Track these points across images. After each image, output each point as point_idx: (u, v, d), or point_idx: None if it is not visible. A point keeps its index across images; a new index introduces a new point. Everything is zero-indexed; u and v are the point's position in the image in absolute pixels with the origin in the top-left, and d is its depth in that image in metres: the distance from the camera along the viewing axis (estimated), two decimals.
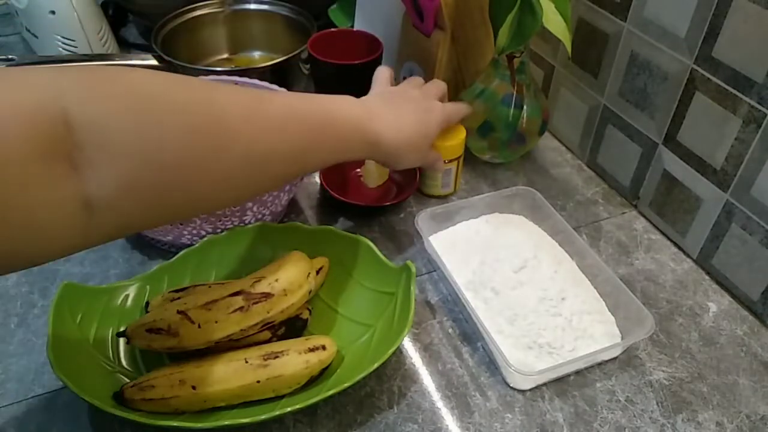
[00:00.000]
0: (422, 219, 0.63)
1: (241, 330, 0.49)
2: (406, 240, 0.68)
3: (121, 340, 0.53)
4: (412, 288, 0.52)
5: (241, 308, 0.49)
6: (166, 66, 0.80)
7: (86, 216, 0.34)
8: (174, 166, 0.37)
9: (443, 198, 0.73)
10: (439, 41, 0.75)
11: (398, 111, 0.57)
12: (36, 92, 0.32)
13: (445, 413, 0.52)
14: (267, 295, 0.50)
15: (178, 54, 0.82)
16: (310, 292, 0.54)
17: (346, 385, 0.47)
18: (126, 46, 0.99)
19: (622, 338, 0.56)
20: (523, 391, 0.53)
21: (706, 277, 0.65)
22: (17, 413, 0.50)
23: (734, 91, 0.57)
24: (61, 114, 0.32)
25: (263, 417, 0.46)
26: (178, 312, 0.49)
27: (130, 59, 0.81)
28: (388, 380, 0.54)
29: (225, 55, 0.95)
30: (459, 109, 0.67)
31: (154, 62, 0.81)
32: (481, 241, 0.64)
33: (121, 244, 0.65)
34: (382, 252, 0.58)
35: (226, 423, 0.46)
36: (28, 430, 0.49)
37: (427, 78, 0.79)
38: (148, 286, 0.57)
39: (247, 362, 0.49)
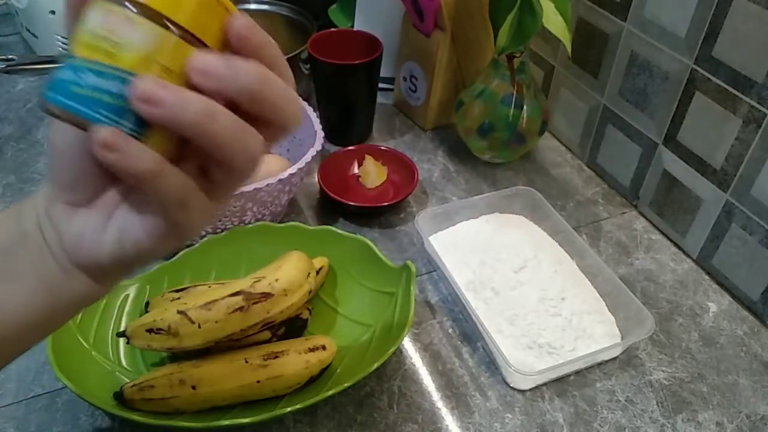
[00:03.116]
0: (422, 219, 0.63)
1: (241, 330, 0.49)
2: (406, 240, 0.68)
3: (121, 340, 0.53)
4: (412, 288, 0.52)
5: (241, 308, 0.49)
6: None
7: None
8: None
9: None
10: (439, 41, 0.75)
11: None
12: None
13: (445, 413, 0.52)
14: (267, 295, 0.50)
15: None
16: (310, 292, 0.54)
17: (346, 385, 0.47)
18: None
19: (622, 338, 0.56)
20: (523, 391, 0.53)
21: (706, 277, 0.65)
22: (17, 413, 0.50)
23: (734, 91, 0.57)
24: None
25: (263, 417, 0.46)
26: (178, 312, 0.49)
27: None
28: (388, 380, 0.54)
29: None
30: None
31: None
32: (481, 241, 0.64)
33: None
34: (382, 252, 0.58)
35: (226, 423, 0.46)
36: (28, 430, 0.49)
37: (427, 78, 0.79)
38: (148, 286, 0.57)
39: (247, 362, 0.49)
